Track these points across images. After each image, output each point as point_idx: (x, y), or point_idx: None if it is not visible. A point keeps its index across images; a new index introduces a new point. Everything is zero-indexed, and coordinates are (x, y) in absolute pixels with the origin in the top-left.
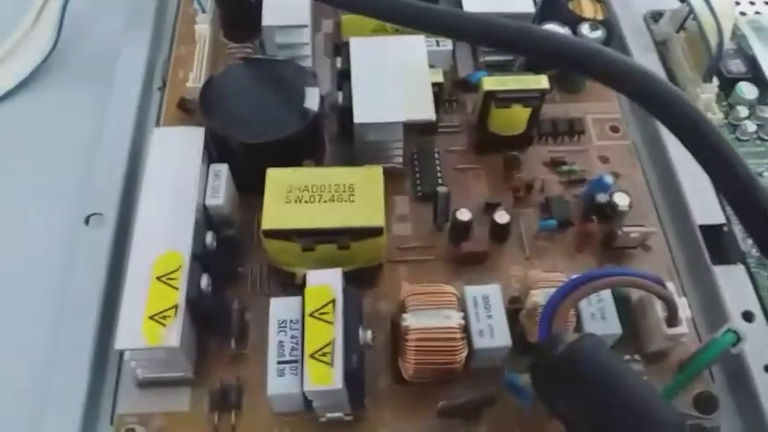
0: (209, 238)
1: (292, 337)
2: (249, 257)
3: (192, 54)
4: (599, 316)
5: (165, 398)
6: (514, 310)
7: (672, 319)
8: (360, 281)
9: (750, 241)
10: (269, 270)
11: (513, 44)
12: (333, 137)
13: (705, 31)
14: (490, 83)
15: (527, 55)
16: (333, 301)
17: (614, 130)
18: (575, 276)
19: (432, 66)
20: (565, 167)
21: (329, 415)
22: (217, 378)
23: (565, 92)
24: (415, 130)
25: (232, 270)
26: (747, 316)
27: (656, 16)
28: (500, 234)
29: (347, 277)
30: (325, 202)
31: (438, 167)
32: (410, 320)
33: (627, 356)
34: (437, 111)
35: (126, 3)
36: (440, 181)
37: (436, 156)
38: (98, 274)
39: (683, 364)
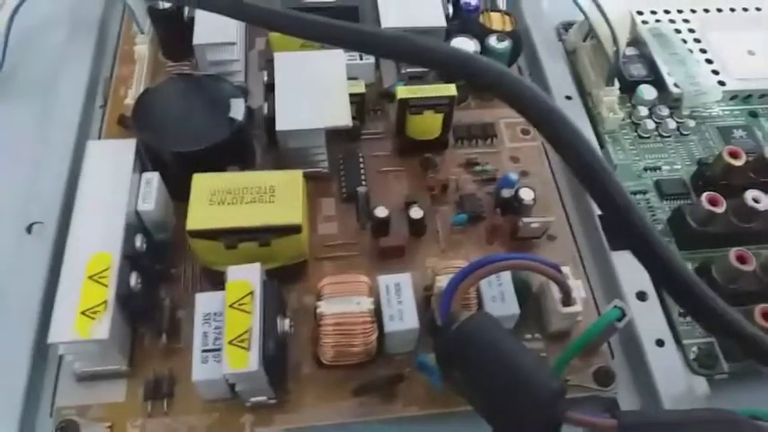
0: (139, 240)
1: (216, 327)
2: (183, 259)
3: (132, 73)
4: (499, 298)
5: (102, 390)
6: (428, 296)
7: (566, 299)
8: (286, 277)
9: None
10: (201, 271)
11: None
12: (264, 145)
13: (602, 41)
14: (404, 92)
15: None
16: (251, 293)
17: (525, 132)
18: (472, 261)
19: (355, 78)
20: (478, 167)
21: (254, 399)
22: (151, 370)
23: (479, 99)
24: (342, 138)
25: (165, 271)
26: (641, 296)
27: (567, 27)
28: (417, 229)
29: (273, 274)
30: (246, 203)
31: (362, 170)
32: (324, 307)
33: (528, 335)
34: (362, 119)
35: (69, 21)
36: (363, 182)
37: (360, 160)
38: (38, 277)
39: None
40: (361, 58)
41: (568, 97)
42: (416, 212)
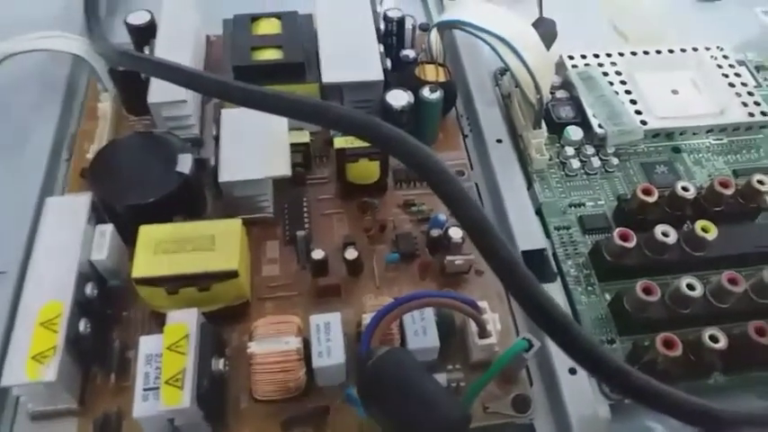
0: (89, 288)
1: (156, 368)
2: (134, 303)
3: (96, 128)
4: (421, 332)
5: (55, 427)
6: (359, 332)
7: (482, 332)
8: (228, 317)
9: (570, 261)
10: (150, 314)
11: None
12: (214, 194)
13: (524, 89)
14: (340, 142)
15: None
16: (187, 336)
17: (460, 173)
18: (389, 302)
19: (300, 128)
20: (414, 208)
21: None
22: (101, 408)
23: None
24: (289, 184)
25: (117, 314)
26: None
27: (503, 72)
28: (354, 268)
29: (216, 315)
30: (188, 251)
31: (306, 214)
32: (254, 347)
33: (450, 366)
34: (308, 166)
35: (38, 82)
36: (306, 226)
37: (305, 204)
38: (0, 323)
39: None
40: None
41: (499, 140)
42: (351, 254)
